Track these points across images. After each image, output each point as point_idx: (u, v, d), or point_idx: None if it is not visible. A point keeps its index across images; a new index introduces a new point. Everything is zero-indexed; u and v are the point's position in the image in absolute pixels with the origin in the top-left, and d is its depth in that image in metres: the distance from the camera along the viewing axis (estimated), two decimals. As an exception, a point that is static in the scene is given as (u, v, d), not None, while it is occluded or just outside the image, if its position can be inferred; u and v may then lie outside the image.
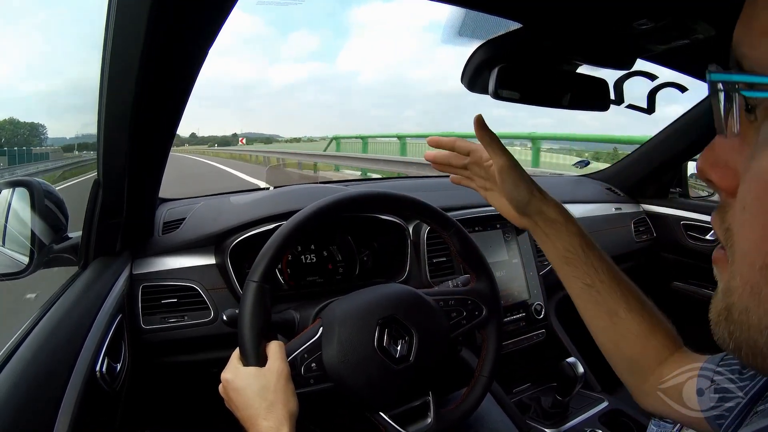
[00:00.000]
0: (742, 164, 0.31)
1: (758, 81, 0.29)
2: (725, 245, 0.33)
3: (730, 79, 0.31)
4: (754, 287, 0.30)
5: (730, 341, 0.32)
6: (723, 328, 0.33)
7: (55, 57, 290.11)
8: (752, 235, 0.30)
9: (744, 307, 0.31)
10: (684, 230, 1.92)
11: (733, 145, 0.32)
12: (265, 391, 0.71)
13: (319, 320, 0.84)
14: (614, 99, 0.89)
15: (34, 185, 0.94)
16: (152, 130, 0.82)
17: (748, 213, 0.30)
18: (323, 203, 0.85)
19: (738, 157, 0.32)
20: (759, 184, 0.29)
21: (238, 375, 0.74)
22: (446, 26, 0.75)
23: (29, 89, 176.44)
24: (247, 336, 0.75)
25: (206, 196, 1.52)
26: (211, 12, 0.60)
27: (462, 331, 0.93)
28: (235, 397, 0.73)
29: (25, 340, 0.72)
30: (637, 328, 0.69)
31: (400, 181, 2.13)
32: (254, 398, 0.71)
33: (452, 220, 0.95)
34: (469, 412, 0.91)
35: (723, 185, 0.33)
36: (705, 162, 0.34)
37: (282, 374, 0.73)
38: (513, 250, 1.50)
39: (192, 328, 1.08)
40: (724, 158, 0.33)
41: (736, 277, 0.32)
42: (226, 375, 0.75)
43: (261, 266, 0.78)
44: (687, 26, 0.69)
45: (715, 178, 0.34)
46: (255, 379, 0.72)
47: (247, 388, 0.72)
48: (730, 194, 0.32)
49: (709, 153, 0.34)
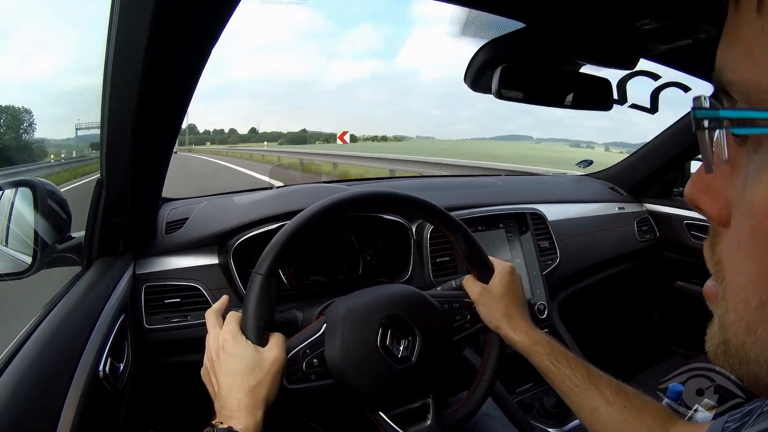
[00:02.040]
0: (734, 193, 0.30)
1: (747, 116, 0.28)
2: (716, 279, 0.32)
3: (717, 115, 0.29)
4: (750, 324, 0.29)
5: (732, 372, 0.31)
6: (723, 360, 0.32)
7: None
8: (747, 271, 0.28)
9: (741, 342, 0.30)
10: (687, 230, 1.91)
11: (723, 171, 0.30)
12: (257, 371, 0.70)
13: (323, 317, 0.83)
14: (617, 99, 0.88)
15: (37, 185, 0.94)
16: (155, 130, 0.82)
17: (743, 248, 0.29)
18: (329, 201, 0.84)
19: (729, 184, 0.30)
20: (753, 218, 0.28)
21: (238, 342, 0.73)
22: (450, 26, 0.75)
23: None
24: (250, 320, 0.75)
25: (209, 195, 1.52)
26: (214, 12, 0.61)
27: (465, 335, 0.92)
28: (225, 360, 0.72)
29: (28, 339, 0.72)
30: (621, 418, 0.72)
31: (403, 180, 2.13)
32: (244, 372, 0.70)
33: (459, 222, 0.94)
34: (469, 416, 0.91)
35: (713, 214, 0.31)
36: (694, 188, 0.33)
37: (277, 362, 0.72)
38: (516, 250, 1.51)
39: (195, 327, 1.08)
40: (714, 185, 0.31)
41: (731, 313, 0.30)
42: (226, 336, 0.74)
43: (267, 261, 0.77)
44: (689, 26, 0.69)
45: (705, 206, 0.32)
46: (252, 354, 0.72)
47: (241, 359, 0.71)
48: (721, 223, 0.31)
49: (697, 178, 0.33)
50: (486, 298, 0.90)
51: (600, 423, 0.75)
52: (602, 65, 0.84)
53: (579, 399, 0.77)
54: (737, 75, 0.28)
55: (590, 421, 0.76)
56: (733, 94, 0.29)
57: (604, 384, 0.76)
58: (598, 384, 0.76)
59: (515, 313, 0.89)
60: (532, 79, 0.81)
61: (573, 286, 1.71)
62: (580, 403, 0.77)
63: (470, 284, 0.93)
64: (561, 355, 0.82)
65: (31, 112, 30.68)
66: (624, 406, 0.73)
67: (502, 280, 0.91)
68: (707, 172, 0.31)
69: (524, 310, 0.91)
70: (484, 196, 1.65)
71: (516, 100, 0.79)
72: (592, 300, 1.89)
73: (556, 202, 1.78)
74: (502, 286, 0.90)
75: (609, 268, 1.86)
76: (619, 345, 2.08)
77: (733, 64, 0.28)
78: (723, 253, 0.31)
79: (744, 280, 0.29)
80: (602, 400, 0.74)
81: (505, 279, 0.91)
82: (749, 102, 0.27)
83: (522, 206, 1.59)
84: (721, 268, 0.31)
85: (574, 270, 1.69)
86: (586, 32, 0.75)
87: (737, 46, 0.28)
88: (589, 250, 1.77)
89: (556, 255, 1.58)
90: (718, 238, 0.31)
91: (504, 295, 0.90)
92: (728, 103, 0.29)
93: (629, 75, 0.87)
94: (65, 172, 14.61)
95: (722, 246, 0.31)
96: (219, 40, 0.65)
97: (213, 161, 23.09)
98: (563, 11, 0.70)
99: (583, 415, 0.77)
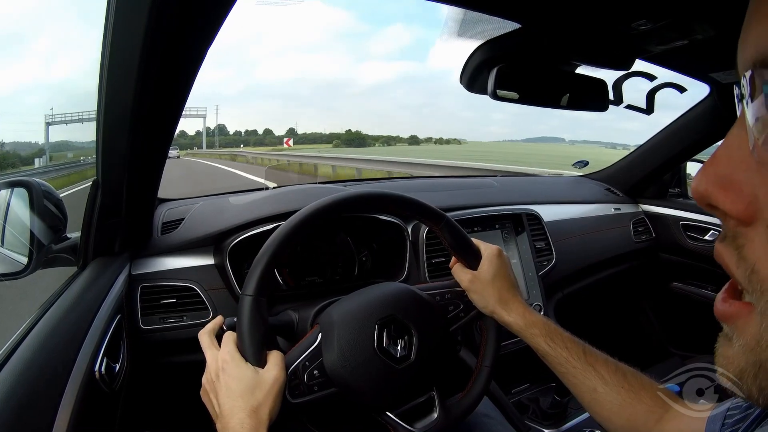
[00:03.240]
0: (764, 187, 0.25)
1: None
2: (747, 288, 0.27)
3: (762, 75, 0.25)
4: None
5: (760, 396, 0.28)
6: (751, 384, 0.27)
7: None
8: None
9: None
10: (683, 230, 1.92)
11: (745, 161, 0.26)
12: (258, 391, 0.70)
13: (317, 326, 0.83)
14: (613, 99, 0.89)
15: (33, 185, 0.93)
16: (151, 130, 0.82)
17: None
18: (309, 210, 0.83)
19: (755, 176, 0.26)
20: None
21: (237, 364, 0.73)
22: (445, 26, 0.75)
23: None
24: (247, 343, 0.75)
25: (205, 196, 1.52)
26: (210, 13, 0.61)
27: (461, 324, 0.92)
28: (226, 382, 0.72)
29: (24, 340, 0.72)
30: (620, 398, 0.73)
31: (399, 181, 2.13)
32: (245, 392, 0.70)
33: (440, 212, 0.93)
34: (474, 404, 0.91)
35: (736, 212, 0.26)
36: (708, 181, 0.28)
37: (277, 382, 0.72)
38: (512, 251, 1.51)
39: (191, 328, 1.07)
40: (735, 178, 0.27)
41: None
42: (225, 356, 0.74)
43: (254, 278, 0.77)
44: (686, 27, 0.70)
45: (724, 202, 0.27)
46: (251, 375, 0.72)
47: (242, 380, 0.71)
48: (744, 222, 0.26)
49: (711, 170, 0.28)
50: (477, 285, 0.89)
51: (599, 404, 0.75)
52: (598, 66, 0.84)
53: (576, 380, 0.77)
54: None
55: (589, 402, 0.76)
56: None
57: (601, 364, 0.76)
58: (595, 364, 0.76)
59: (508, 296, 0.88)
60: (528, 80, 0.81)
61: (569, 287, 1.71)
62: (578, 384, 0.77)
63: (459, 273, 0.92)
64: (557, 336, 0.82)
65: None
66: (622, 386, 0.73)
67: (491, 265, 0.89)
68: (752, 151, 0.26)
69: (516, 292, 0.90)
70: (480, 196, 1.65)
71: (512, 100, 0.79)
72: (588, 301, 1.89)
73: (552, 203, 1.78)
74: (492, 270, 0.89)
75: (605, 269, 1.87)
76: (616, 346, 2.07)
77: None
78: (758, 259, 0.26)
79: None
80: (600, 381, 0.74)
81: (494, 263, 0.90)
82: None
83: (518, 207, 1.59)
84: (757, 276, 0.26)
85: (570, 271, 1.69)
86: (582, 33, 0.75)
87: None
88: (585, 251, 1.78)
89: (552, 256, 1.58)
90: (745, 240, 0.27)
91: (494, 279, 0.89)
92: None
93: (625, 75, 0.87)
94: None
95: (752, 248, 0.27)
96: (215, 40, 0.65)
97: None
98: (559, 12, 0.70)
99: (582, 396, 0.77)
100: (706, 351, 0.65)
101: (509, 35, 0.75)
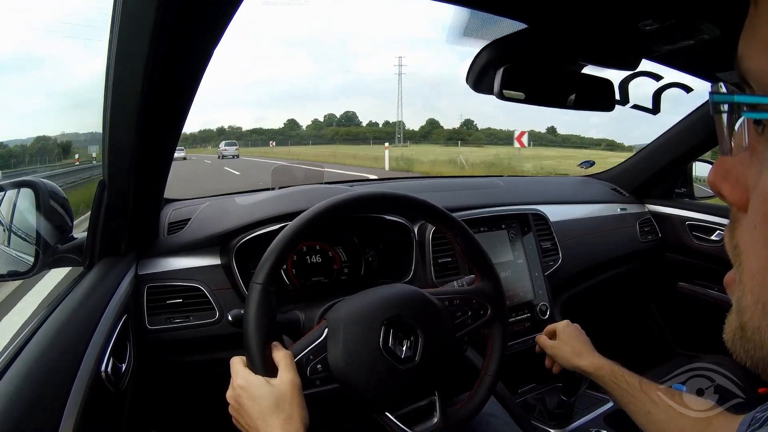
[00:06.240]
0: (752, 179, 0.30)
1: (761, 102, 0.29)
2: (733, 263, 0.33)
3: (732, 100, 0.31)
4: (765, 307, 0.29)
5: (747, 359, 0.32)
6: (739, 347, 0.32)
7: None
8: (762, 255, 0.29)
9: (756, 326, 0.30)
10: (689, 231, 1.91)
11: (742, 158, 0.31)
12: (282, 402, 0.71)
13: (324, 321, 0.84)
14: (619, 99, 0.88)
15: (39, 186, 0.94)
16: (157, 130, 0.82)
17: (759, 230, 0.30)
18: (326, 204, 0.84)
19: (748, 170, 0.31)
20: (766, 204, 0.29)
21: (251, 383, 0.74)
22: (451, 26, 0.75)
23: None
24: (253, 341, 0.75)
25: (211, 196, 1.52)
26: (217, 12, 0.61)
27: (467, 331, 0.93)
28: (250, 405, 0.73)
29: (30, 340, 0.72)
30: (668, 416, 0.84)
31: (407, 181, 2.13)
32: (272, 409, 0.71)
33: (456, 219, 0.94)
34: (475, 411, 0.91)
35: (733, 199, 0.32)
36: (716, 175, 0.33)
37: (296, 386, 0.73)
38: (518, 251, 1.50)
39: (197, 328, 1.08)
40: (734, 171, 0.32)
41: (747, 296, 0.31)
42: (238, 381, 0.75)
43: (265, 268, 0.78)
44: (692, 27, 0.69)
45: (725, 192, 0.33)
46: (270, 389, 0.72)
47: (264, 398, 0.72)
48: (741, 209, 0.32)
49: (719, 166, 0.33)
50: (558, 348, 1.11)
51: (653, 423, 0.87)
52: (604, 66, 0.84)
53: (635, 407, 0.90)
54: (754, 64, 0.30)
55: (645, 424, 0.89)
56: (750, 81, 0.30)
57: (653, 390, 0.89)
58: (648, 391, 0.89)
59: (581, 349, 1.07)
60: (534, 80, 0.80)
61: (575, 287, 1.71)
62: (636, 410, 0.90)
63: (544, 341, 1.15)
64: (618, 373, 0.97)
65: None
66: (667, 405, 0.85)
67: (568, 334, 1.12)
68: (722, 155, 0.33)
69: (588, 345, 1.09)
70: (487, 196, 1.65)
71: (518, 100, 0.79)
72: (595, 301, 1.89)
73: (558, 203, 1.78)
74: (568, 337, 1.11)
75: (611, 269, 1.86)
76: (622, 346, 2.07)
77: (751, 54, 0.30)
78: (740, 238, 0.32)
79: (760, 263, 0.30)
80: (652, 404, 0.87)
81: (567, 332, 1.12)
82: (764, 89, 0.29)
83: (524, 207, 1.59)
84: (739, 253, 0.32)
85: (577, 271, 1.69)
86: (589, 33, 0.75)
87: (755, 39, 0.30)
88: (591, 251, 1.77)
89: (558, 256, 1.58)
90: (738, 224, 0.32)
91: (569, 341, 1.11)
92: (749, 91, 0.31)
93: (631, 75, 0.87)
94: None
95: (740, 231, 0.32)
96: (222, 39, 0.66)
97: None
98: (566, 12, 0.69)
99: (639, 419, 0.90)
100: (713, 351, 0.65)
101: (515, 35, 0.75)
